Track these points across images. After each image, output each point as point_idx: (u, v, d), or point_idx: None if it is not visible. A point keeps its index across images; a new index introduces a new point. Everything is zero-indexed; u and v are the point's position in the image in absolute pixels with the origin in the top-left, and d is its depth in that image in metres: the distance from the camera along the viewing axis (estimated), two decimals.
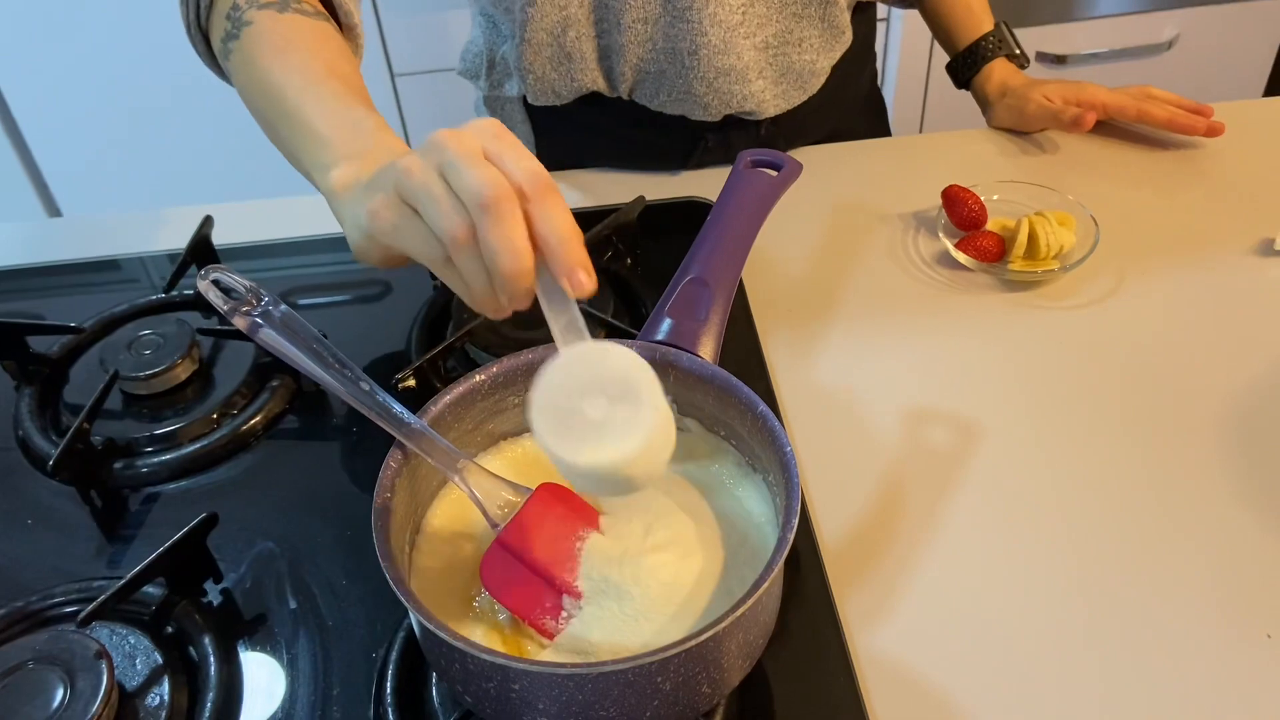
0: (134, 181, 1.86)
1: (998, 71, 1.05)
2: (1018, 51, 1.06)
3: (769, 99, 0.97)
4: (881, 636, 0.63)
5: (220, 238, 0.91)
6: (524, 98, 1.02)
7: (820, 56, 0.98)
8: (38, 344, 0.82)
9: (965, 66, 1.07)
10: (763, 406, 0.58)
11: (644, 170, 1.02)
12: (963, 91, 1.09)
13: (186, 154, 1.84)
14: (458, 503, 0.62)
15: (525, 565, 0.54)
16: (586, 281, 0.50)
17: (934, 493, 0.71)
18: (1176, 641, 0.62)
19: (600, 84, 0.97)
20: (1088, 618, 0.64)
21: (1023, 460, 0.73)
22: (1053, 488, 0.71)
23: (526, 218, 0.49)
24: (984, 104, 1.07)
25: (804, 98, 1.00)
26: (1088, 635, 0.63)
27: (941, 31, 1.10)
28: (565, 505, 0.57)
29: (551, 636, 0.54)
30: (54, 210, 1.86)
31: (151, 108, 1.79)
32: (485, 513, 0.56)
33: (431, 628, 0.48)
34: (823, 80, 1.01)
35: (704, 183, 0.98)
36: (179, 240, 0.92)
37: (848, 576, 0.66)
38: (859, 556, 0.68)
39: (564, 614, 0.54)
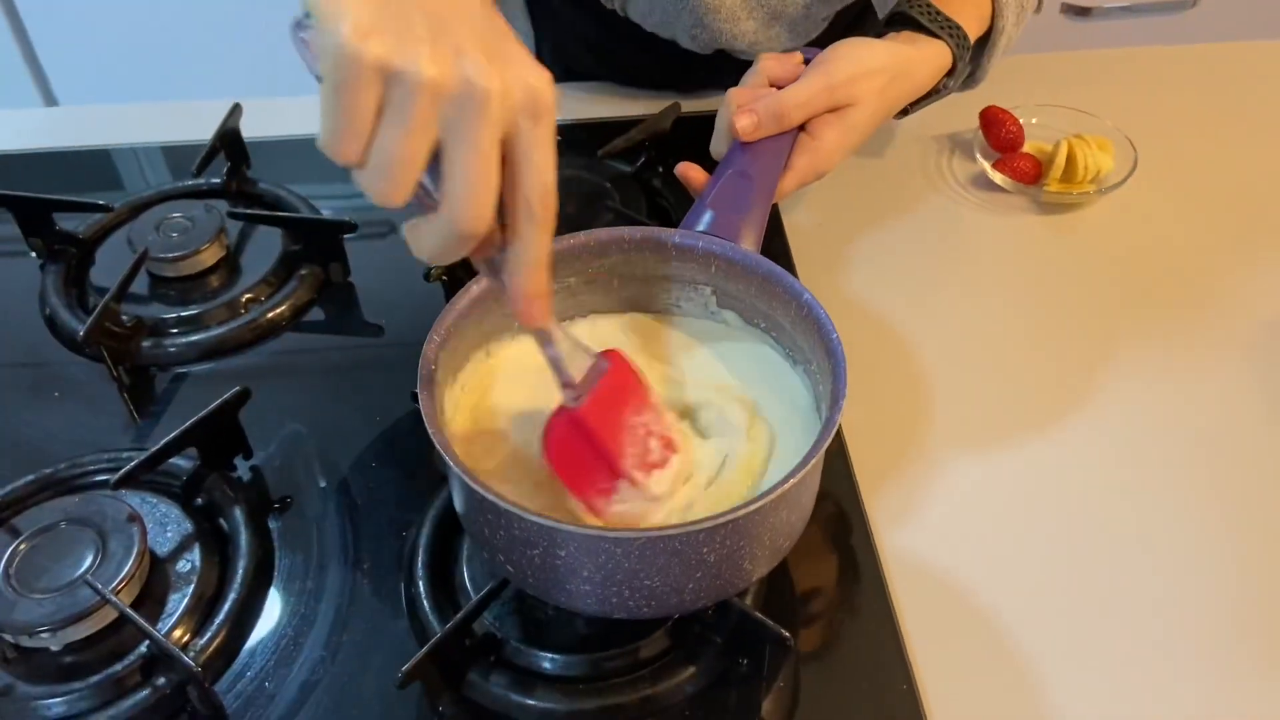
0: (133, 75, 1.82)
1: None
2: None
3: (760, 40, 0.92)
4: (908, 536, 0.64)
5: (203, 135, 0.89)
6: None
7: (814, 3, 0.91)
8: (65, 223, 0.81)
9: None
10: (808, 295, 0.58)
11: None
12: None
13: (188, 49, 1.79)
14: (487, 374, 0.61)
15: (592, 444, 0.53)
16: (539, 314, 0.47)
17: (961, 404, 0.71)
18: (1194, 551, 0.63)
19: None
20: (1112, 522, 0.65)
21: (1049, 375, 0.74)
22: (1078, 402, 0.72)
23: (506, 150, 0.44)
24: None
25: (799, 43, 0.95)
26: (1111, 539, 0.64)
27: None
28: (638, 390, 0.55)
29: (601, 515, 0.54)
30: (50, 100, 1.82)
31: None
32: (562, 374, 0.53)
33: (479, 490, 0.48)
34: (821, 28, 0.95)
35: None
36: (193, 132, 0.91)
37: (875, 478, 0.67)
38: (886, 460, 0.68)
39: (616, 496, 0.54)
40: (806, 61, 0.74)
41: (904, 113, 0.80)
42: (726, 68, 0.94)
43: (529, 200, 0.44)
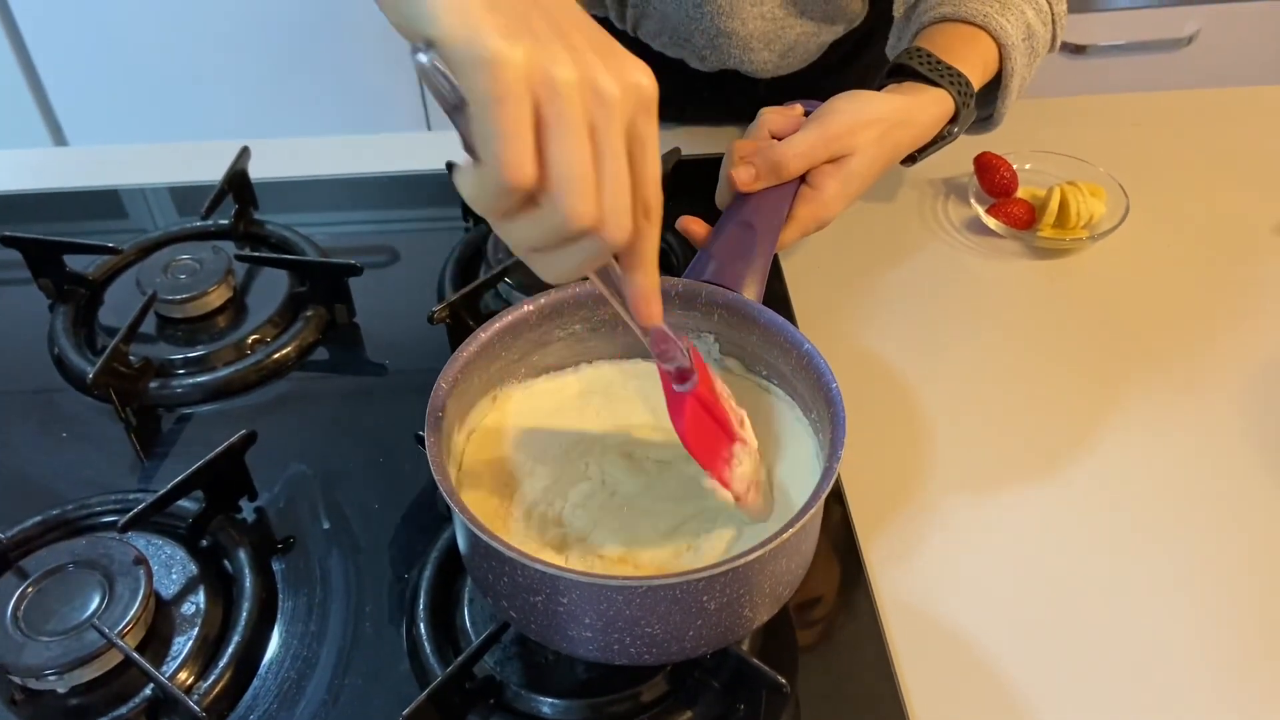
0: (143, 116, 1.84)
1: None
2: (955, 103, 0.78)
3: (770, 69, 0.95)
4: (905, 580, 0.65)
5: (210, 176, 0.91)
6: None
7: (825, 34, 0.94)
8: (74, 264, 0.83)
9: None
10: (808, 345, 0.59)
11: None
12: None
13: (196, 91, 1.81)
14: (490, 433, 0.62)
15: (714, 417, 0.55)
16: (658, 311, 0.47)
17: (956, 447, 0.72)
18: (1190, 597, 0.64)
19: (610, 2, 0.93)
20: (1105, 570, 0.65)
21: (1044, 419, 0.74)
22: (1073, 446, 0.72)
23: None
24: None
25: (804, 66, 0.98)
26: (1104, 587, 0.64)
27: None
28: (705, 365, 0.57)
29: (730, 484, 0.55)
30: (60, 140, 1.84)
31: (164, 41, 1.77)
32: (678, 362, 0.53)
33: (485, 538, 0.49)
34: (823, 50, 0.98)
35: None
36: (201, 173, 0.92)
37: (872, 523, 0.68)
38: (883, 505, 0.69)
39: (734, 460, 0.56)
40: (808, 113, 0.76)
41: (911, 160, 0.81)
42: (732, 88, 0.96)
43: (646, 196, 0.44)
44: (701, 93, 0.99)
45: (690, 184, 0.83)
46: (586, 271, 0.44)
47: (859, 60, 1.03)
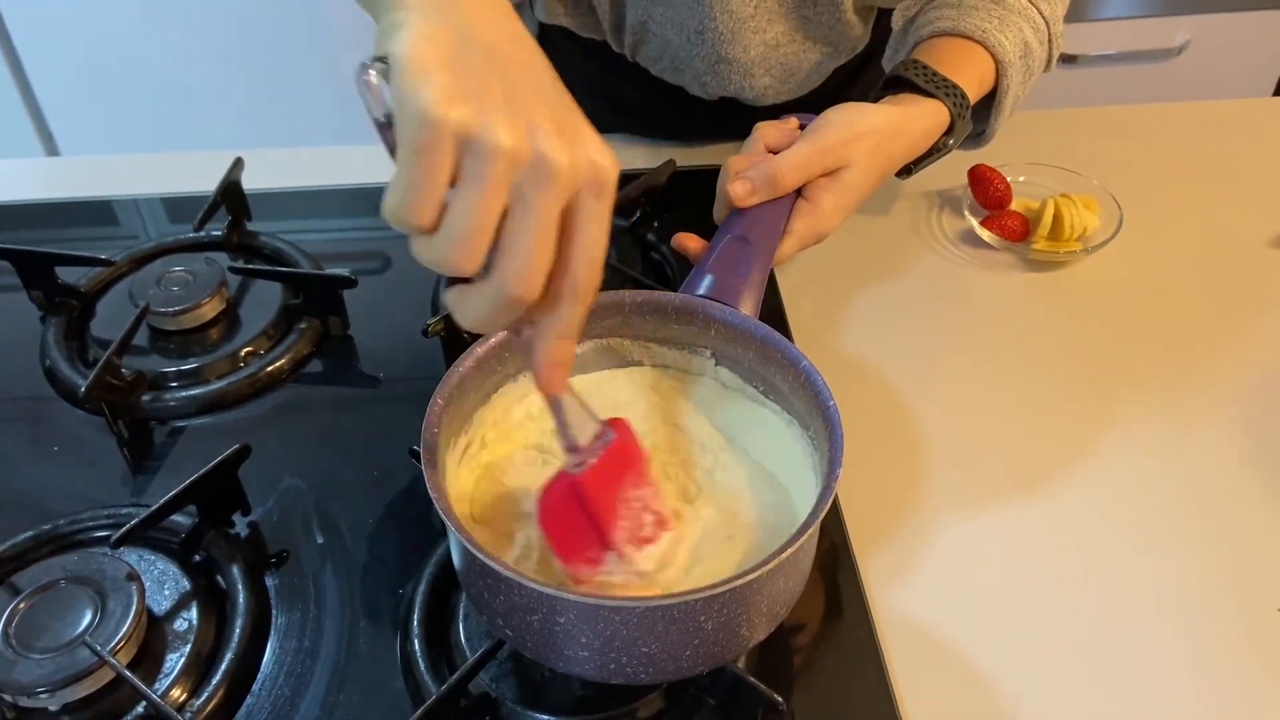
0: (135, 126, 1.83)
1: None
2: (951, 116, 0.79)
3: (770, 95, 0.95)
4: (902, 596, 0.65)
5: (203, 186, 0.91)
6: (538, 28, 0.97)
7: (826, 60, 0.94)
8: (66, 276, 0.82)
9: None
10: (805, 362, 0.59)
11: (635, 135, 1.01)
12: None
13: (189, 101, 1.81)
14: (490, 434, 0.62)
15: (587, 513, 0.52)
16: (559, 383, 0.48)
17: (952, 462, 0.72)
18: (1188, 613, 0.64)
19: (606, 24, 0.92)
20: (1102, 586, 0.65)
21: (1040, 433, 0.75)
22: (1068, 461, 0.72)
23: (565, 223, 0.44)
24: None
25: (803, 93, 0.98)
26: (1101, 603, 0.64)
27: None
28: (639, 462, 0.55)
29: (585, 585, 0.54)
30: (52, 150, 1.83)
31: (157, 51, 1.76)
32: (568, 439, 0.52)
33: (481, 557, 0.49)
34: (824, 79, 0.98)
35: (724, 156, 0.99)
36: (194, 183, 0.92)
37: (869, 539, 0.67)
38: (879, 521, 0.69)
39: (603, 568, 0.54)
40: (803, 127, 0.76)
41: (907, 171, 0.81)
42: (729, 113, 0.96)
43: (576, 275, 0.45)
44: (701, 120, 0.99)
45: (686, 197, 0.83)
46: (490, 325, 0.45)
47: (857, 82, 1.04)
